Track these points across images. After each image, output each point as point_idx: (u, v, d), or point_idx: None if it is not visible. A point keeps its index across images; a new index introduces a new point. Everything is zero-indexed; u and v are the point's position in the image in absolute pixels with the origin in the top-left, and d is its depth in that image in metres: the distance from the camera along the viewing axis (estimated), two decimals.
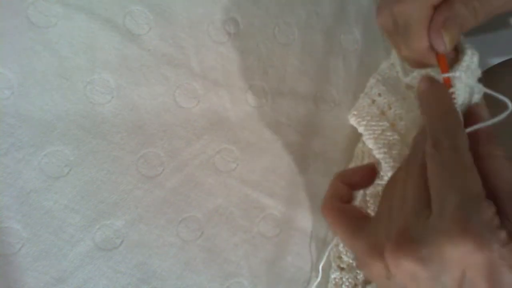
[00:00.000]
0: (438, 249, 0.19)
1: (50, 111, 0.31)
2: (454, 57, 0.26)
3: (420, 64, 0.27)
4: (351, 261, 0.36)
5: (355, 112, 0.36)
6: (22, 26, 0.30)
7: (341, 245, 0.36)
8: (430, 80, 0.25)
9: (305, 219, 0.36)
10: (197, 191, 0.34)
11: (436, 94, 0.24)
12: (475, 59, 0.25)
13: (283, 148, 0.36)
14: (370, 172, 0.28)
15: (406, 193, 0.22)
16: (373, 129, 0.34)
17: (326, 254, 0.34)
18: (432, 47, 0.25)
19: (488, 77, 0.26)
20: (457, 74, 0.24)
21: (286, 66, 0.36)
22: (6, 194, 0.30)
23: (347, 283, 0.36)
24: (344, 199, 0.27)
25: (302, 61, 0.37)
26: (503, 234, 0.19)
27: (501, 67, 0.47)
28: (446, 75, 0.25)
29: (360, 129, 0.35)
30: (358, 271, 0.36)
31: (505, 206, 0.20)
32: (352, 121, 0.36)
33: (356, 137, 0.37)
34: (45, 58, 0.30)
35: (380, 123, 0.34)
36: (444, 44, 0.24)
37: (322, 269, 0.35)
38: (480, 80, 0.26)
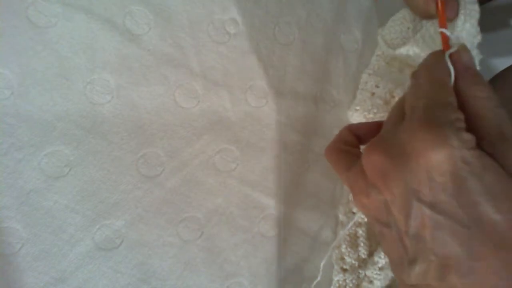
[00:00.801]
0: (403, 146, 0.20)
1: (50, 111, 0.31)
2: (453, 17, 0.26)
3: (427, 14, 0.29)
4: (353, 261, 0.36)
5: (357, 108, 0.36)
6: (22, 26, 0.30)
7: (344, 246, 0.36)
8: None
9: (305, 219, 0.36)
10: (197, 191, 0.34)
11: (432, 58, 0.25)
12: (467, 25, 0.25)
13: (283, 148, 0.36)
14: (377, 128, 0.28)
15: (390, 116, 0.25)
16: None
17: (328, 254, 0.34)
18: None
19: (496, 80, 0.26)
20: (448, 33, 0.25)
21: (286, 66, 0.36)
22: (6, 194, 0.30)
23: (350, 285, 0.36)
24: (347, 144, 0.27)
25: (302, 61, 0.37)
26: (467, 136, 0.20)
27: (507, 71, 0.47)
28: (440, 30, 0.25)
29: None
30: (360, 271, 0.36)
31: (488, 148, 0.21)
32: (356, 116, 0.36)
33: None
34: (45, 58, 0.30)
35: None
36: None
37: (323, 270, 0.35)
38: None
